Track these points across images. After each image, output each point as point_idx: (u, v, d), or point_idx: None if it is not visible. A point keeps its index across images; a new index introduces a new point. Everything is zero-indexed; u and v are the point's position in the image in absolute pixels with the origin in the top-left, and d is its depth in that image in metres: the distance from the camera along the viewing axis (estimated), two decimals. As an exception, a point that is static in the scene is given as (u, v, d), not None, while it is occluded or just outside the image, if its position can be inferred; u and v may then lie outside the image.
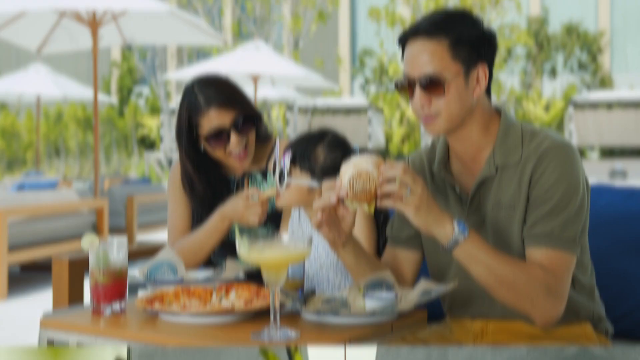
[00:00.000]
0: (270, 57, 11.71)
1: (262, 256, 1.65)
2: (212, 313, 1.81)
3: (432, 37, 1.98)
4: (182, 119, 2.56)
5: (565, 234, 1.94)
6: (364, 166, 1.84)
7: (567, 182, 1.96)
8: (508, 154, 2.04)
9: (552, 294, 1.90)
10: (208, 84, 2.52)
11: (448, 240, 1.87)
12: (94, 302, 1.95)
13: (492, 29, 2.06)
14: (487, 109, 2.09)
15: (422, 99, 1.99)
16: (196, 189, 2.62)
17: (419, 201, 1.82)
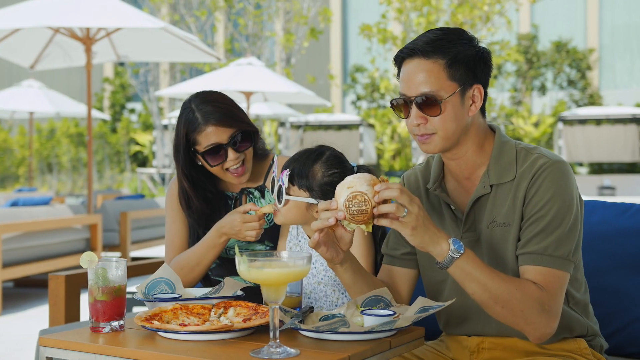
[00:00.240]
0: (263, 74, 11.74)
1: (262, 274, 1.66)
2: (211, 330, 1.82)
3: (428, 57, 2.01)
4: (179, 135, 2.57)
5: (559, 252, 1.96)
6: (358, 187, 1.84)
7: (561, 200, 1.98)
8: (502, 172, 2.07)
9: (545, 311, 1.92)
10: (206, 101, 2.53)
11: (444, 258, 1.89)
12: (92, 320, 1.96)
13: (486, 49, 2.08)
14: (482, 127, 2.11)
15: (418, 118, 2.02)
16: (193, 205, 2.63)
17: (415, 222, 1.83)
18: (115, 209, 8.51)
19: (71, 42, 8.45)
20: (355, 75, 24.61)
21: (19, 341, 5.37)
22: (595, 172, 22.41)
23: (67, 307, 3.06)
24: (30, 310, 6.56)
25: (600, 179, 19.83)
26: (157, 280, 2.24)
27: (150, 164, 24.07)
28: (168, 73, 19.79)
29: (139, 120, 25.96)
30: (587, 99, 24.41)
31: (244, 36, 17.99)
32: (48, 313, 6.23)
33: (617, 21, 28.45)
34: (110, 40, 8.67)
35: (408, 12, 16.78)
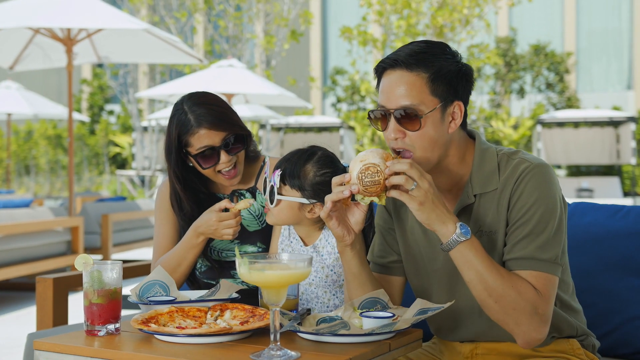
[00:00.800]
0: (244, 76, 11.71)
1: (263, 276, 1.65)
2: (209, 334, 1.80)
3: (411, 69, 1.96)
4: (171, 137, 2.55)
5: (547, 256, 1.95)
6: (371, 160, 1.87)
7: (545, 204, 1.97)
8: (485, 181, 2.05)
9: (538, 315, 1.91)
10: (199, 103, 2.52)
11: (447, 239, 1.90)
12: (88, 323, 1.94)
13: (469, 65, 2.05)
14: (462, 140, 2.08)
15: (397, 131, 1.97)
16: (184, 207, 2.62)
17: (424, 197, 1.85)
18: (96, 212, 8.44)
19: (51, 42, 8.38)
20: (336, 77, 24.62)
21: (2, 344, 5.31)
22: (573, 174, 22.62)
23: (55, 310, 3.02)
24: (11, 314, 6.48)
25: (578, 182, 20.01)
26: (150, 283, 2.22)
27: (129, 166, 23.92)
28: (148, 74, 19.68)
29: (117, 122, 25.79)
30: (565, 102, 24.61)
31: (224, 38, 17.93)
32: (33, 316, 6.18)
33: (594, 25, 28.73)
34: (91, 41, 8.60)
35: (388, 14, 16.81)
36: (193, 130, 2.49)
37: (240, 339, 1.86)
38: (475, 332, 2.14)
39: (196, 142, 2.50)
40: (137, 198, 16.59)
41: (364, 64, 18.98)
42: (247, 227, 2.63)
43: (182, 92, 11.63)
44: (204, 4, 17.60)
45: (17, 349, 5.16)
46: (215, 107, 2.52)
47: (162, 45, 8.57)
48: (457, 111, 2.01)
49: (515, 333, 1.94)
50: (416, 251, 2.17)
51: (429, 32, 16.79)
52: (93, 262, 1.96)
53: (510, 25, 27.07)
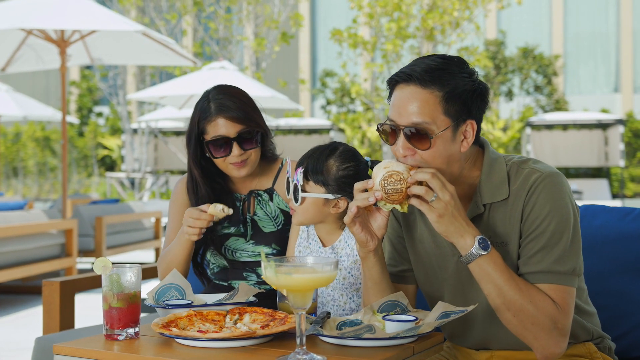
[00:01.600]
0: (236, 78, 11.68)
1: (290, 279, 1.64)
2: (233, 337, 1.79)
3: (425, 86, 1.90)
4: (192, 123, 2.58)
5: (564, 268, 1.93)
6: (395, 167, 1.87)
7: (559, 215, 1.94)
8: (495, 191, 2.01)
9: (557, 329, 1.90)
10: (223, 93, 2.54)
11: (465, 252, 1.88)
12: (107, 327, 1.92)
13: (485, 84, 2.00)
14: (473, 152, 2.05)
15: (406, 149, 1.93)
16: (200, 193, 2.61)
17: (443, 209, 1.83)
18: (90, 214, 8.39)
19: (44, 44, 8.32)
20: (325, 79, 24.63)
21: (3, 349, 5.27)
22: (561, 176, 22.66)
23: (61, 314, 3.00)
24: (6, 317, 6.43)
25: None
26: (167, 286, 2.21)
27: (118, 168, 23.83)
28: (138, 76, 19.60)
29: (106, 124, 25.68)
30: (553, 104, 24.73)
31: (214, 40, 17.89)
32: (29, 319, 6.14)
33: (581, 28, 28.89)
34: (84, 42, 8.55)
35: (379, 17, 16.83)
36: (211, 118, 2.51)
37: (262, 343, 1.85)
38: (489, 338, 2.12)
39: (212, 130, 2.52)
40: (126, 200, 16.52)
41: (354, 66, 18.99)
42: (263, 229, 2.62)
43: (173, 94, 11.60)
44: (194, 5, 17.56)
45: (15, 352, 5.12)
46: (238, 100, 2.53)
47: (155, 47, 8.53)
48: (469, 130, 1.96)
49: (534, 347, 1.93)
50: (426, 259, 2.16)
51: (419, 34, 16.83)
52: (112, 266, 1.94)
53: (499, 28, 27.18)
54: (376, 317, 1.98)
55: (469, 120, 1.95)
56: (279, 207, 2.64)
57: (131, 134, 19.42)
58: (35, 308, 6.81)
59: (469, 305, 2.04)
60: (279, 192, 2.66)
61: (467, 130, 1.95)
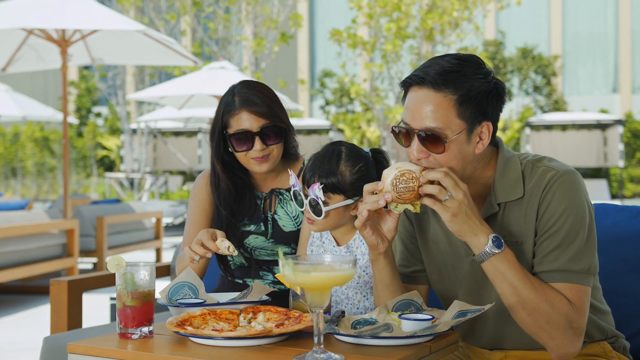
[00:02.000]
0: (236, 78, 11.67)
1: (309, 277, 1.63)
2: (249, 336, 1.78)
3: (439, 90, 1.87)
4: (217, 116, 2.58)
5: (579, 266, 1.91)
6: (406, 167, 1.85)
7: (574, 213, 1.92)
8: (509, 190, 2.00)
9: (572, 328, 1.88)
10: (248, 87, 2.55)
11: (479, 251, 1.87)
12: (121, 326, 1.90)
13: (501, 83, 1.96)
14: (487, 152, 2.03)
15: (420, 152, 1.91)
16: (221, 187, 2.61)
17: (457, 208, 1.81)
18: (91, 214, 8.37)
19: (45, 44, 8.31)
20: (324, 80, 24.62)
21: (2, 349, 5.25)
22: (560, 176, 22.66)
23: (69, 313, 2.98)
24: (8, 317, 6.41)
25: (565, 184, 20.06)
26: (179, 285, 2.19)
27: (117, 169, 23.80)
28: (137, 77, 19.58)
29: (105, 124, 25.66)
30: (552, 104, 24.74)
31: (213, 40, 17.87)
32: (31, 319, 6.13)
33: (580, 28, 28.91)
34: (84, 42, 8.53)
35: (378, 17, 16.83)
36: (235, 111, 2.51)
37: (277, 342, 1.84)
38: (503, 338, 2.11)
39: (235, 124, 2.52)
40: (126, 201, 16.50)
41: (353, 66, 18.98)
42: (283, 228, 2.62)
43: (173, 94, 11.59)
44: (193, 6, 17.55)
45: (17, 352, 5.11)
46: (262, 95, 2.53)
47: (156, 46, 8.51)
48: (485, 131, 1.93)
49: (549, 347, 1.91)
50: (439, 259, 2.14)
51: (418, 34, 16.83)
52: (126, 264, 1.92)
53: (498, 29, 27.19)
54: (391, 315, 1.97)
55: (484, 122, 1.93)
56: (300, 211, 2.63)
57: (130, 134, 19.40)
58: (36, 308, 6.79)
59: (483, 304, 2.03)
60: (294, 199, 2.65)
61: (482, 131, 1.93)
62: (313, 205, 2.21)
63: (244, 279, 2.64)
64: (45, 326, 5.84)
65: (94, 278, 3.10)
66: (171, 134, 22.37)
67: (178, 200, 15.96)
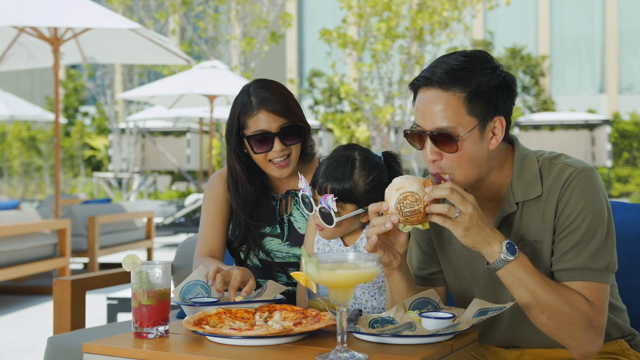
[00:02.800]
0: (227, 77, 11.63)
1: (333, 275, 1.60)
2: (269, 335, 1.75)
3: (447, 89, 1.86)
4: (232, 117, 2.51)
5: (599, 264, 1.90)
6: (408, 188, 1.80)
7: (593, 210, 1.90)
8: (527, 188, 1.98)
9: (593, 327, 1.87)
10: (264, 87, 2.48)
11: (495, 259, 1.83)
12: (136, 325, 1.87)
13: (511, 76, 1.94)
14: (501, 148, 2.00)
15: (434, 153, 1.89)
16: (242, 188, 2.55)
17: (468, 222, 1.78)
18: (82, 214, 8.31)
19: (36, 42, 8.23)
20: (313, 79, 24.60)
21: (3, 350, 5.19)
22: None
23: (73, 313, 2.94)
24: (1, 318, 6.35)
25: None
26: (192, 284, 2.17)
27: (105, 169, 23.68)
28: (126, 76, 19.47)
29: (93, 123, 25.52)
30: (540, 105, 24.84)
31: (203, 39, 17.81)
32: (24, 320, 6.06)
33: (567, 29, 29.05)
34: (76, 41, 8.46)
35: (368, 17, 16.82)
36: (252, 112, 2.44)
37: (297, 341, 1.81)
38: (518, 337, 2.09)
39: (253, 125, 2.45)
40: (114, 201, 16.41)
41: (343, 66, 18.97)
42: (299, 230, 2.57)
43: (163, 93, 11.54)
44: (183, 5, 17.47)
45: (10, 353, 5.05)
46: (279, 94, 2.47)
47: (148, 45, 8.45)
48: (498, 126, 1.91)
49: (570, 347, 1.89)
50: (455, 261, 2.13)
51: (408, 34, 16.84)
52: (141, 262, 1.89)
53: (486, 29, 27.27)
54: (408, 314, 1.95)
55: (496, 117, 1.90)
56: None
57: (119, 134, 19.29)
58: (28, 309, 6.73)
59: (499, 303, 2.01)
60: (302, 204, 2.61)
61: (495, 127, 1.91)
62: (324, 213, 2.16)
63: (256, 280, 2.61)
64: (39, 327, 5.79)
65: (97, 277, 3.07)
66: (160, 134, 22.28)
67: (167, 200, 15.89)
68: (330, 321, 1.81)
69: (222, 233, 2.61)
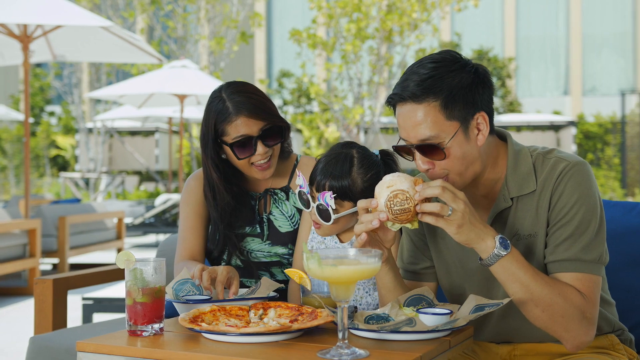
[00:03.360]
0: (198, 77, 11.56)
1: (336, 271, 1.60)
2: (268, 332, 1.73)
3: (421, 101, 1.87)
4: (208, 125, 2.47)
5: (591, 256, 1.92)
6: (398, 186, 1.79)
7: (586, 203, 1.93)
8: (522, 183, 2.00)
9: (586, 319, 1.89)
10: (238, 91, 2.45)
11: (488, 255, 1.84)
12: (130, 323, 1.85)
13: (483, 68, 1.95)
14: (493, 144, 2.02)
15: (425, 162, 1.92)
16: (219, 197, 2.53)
17: (461, 219, 1.78)
18: (53, 214, 8.19)
19: (5, 39, 8.09)
20: (282, 80, 24.56)
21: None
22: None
23: (54, 313, 2.90)
24: (-31, 320, 6.23)
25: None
26: (182, 282, 2.15)
27: (72, 169, 23.39)
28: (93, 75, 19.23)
29: (59, 123, 25.20)
30: (506, 106, 25.07)
31: (172, 39, 17.69)
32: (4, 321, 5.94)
33: (532, 32, 29.35)
34: (46, 38, 8.34)
35: (338, 17, 16.83)
36: (231, 118, 2.41)
37: (294, 338, 1.80)
38: (508, 332, 2.11)
39: (233, 131, 2.42)
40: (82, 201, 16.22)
41: (313, 66, 18.96)
42: (279, 228, 2.56)
43: (133, 92, 11.43)
44: (152, 4, 17.33)
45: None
46: (254, 96, 2.45)
47: (120, 44, 8.36)
48: (481, 122, 1.93)
49: (564, 339, 1.91)
50: (447, 255, 2.13)
51: (378, 35, 16.88)
52: (135, 260, 1.87)
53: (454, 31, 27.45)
54: (403, 310, 1.95)
55: (477, 114, 1.92)
56: (295, 206, 2.58)
57: (86, 134, 19.07)
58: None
59: (492, 297, 2.03)
60: (295, 190, 2.60)
61: (479, 123, 1.93)
62: (321, 209, 2.16)
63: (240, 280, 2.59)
64: (10, 328, 5.69)
65: (79, 276, 3.02)
66: (127, 134, 22.07)
67: (136, 200, 15.74)
68: (328, 318, 1.80)
69: (202, 236, 2.59)
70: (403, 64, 16.98)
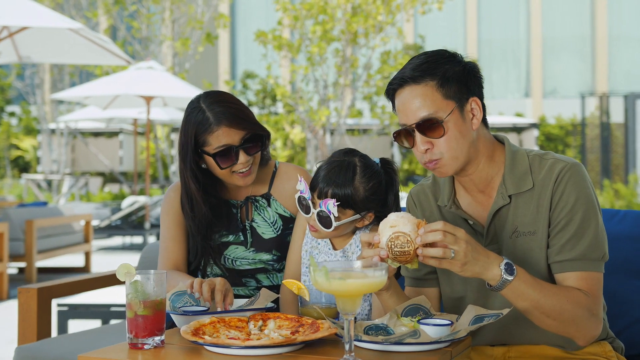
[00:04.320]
0: (164, 78, 11.47)
1: (344, 285, 1.61)
2: (274, 345, 1.74)
3: (419, 82, 2.01)
4: (187, 136, 2.45)
5: (595, 254, 2.00)
6: (401, 228, 1.82)
7: (586, 203, 2.02)
8: (519, 181, 2.08)
9: (594, 315, 1.97)
10: (217, 101, 2.44)
11: (496, 282, 1.88)
12: (131, 336, 1.84)
13: (472, 62, 2.10)
14: (488, 139, 2.12)
15: (424, 143, 2.01)
16: (197, 209, 2.52)
17: (464, 258, 1.81)
18: (19, 217, 8.07)
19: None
20: (246, 81, 24.48)
21: None
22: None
23: (39, 322, 2.86)
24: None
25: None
26: (179, 293, 2.14)
27: (34, 170, 23.05)
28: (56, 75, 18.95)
29: (20, 124, 24.80)
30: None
31: (137, 39, 17.52)
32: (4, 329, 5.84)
33: (494, 34, 29.68)
34: (12, 40, 8.21)
35: (304, 19, 16.83)
36: (212, 129, 2.40)
37: (296, 350, 1.81)
38: (507, 334, 2.15)
39: (214, 141, 2.41)
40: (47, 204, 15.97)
41: (278, 68, 18.93)
42: (262, 235, 2.56)
43: (99, 94, 11.30)
44: (115, 4, 17.15)
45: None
46: (234, 106, 2.45)
47: (87, 45, 8.25)
48: (475, 107, 2.05)
49: (576, 337, 2.00)
50: None
51: (344, 37, 16.93)
52: (136, 272, 1.86)
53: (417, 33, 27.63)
54: (401, 320, 1.97)
55: (471, 98, 2.04)
56: (276, 212, 2.59)
57: (49, 135, 18.80)
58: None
59: (489, 304, 2.06)
60: (275, 197, 2.61)
61: (473, 107, 2.05)
62: (322, 216, 2.18)
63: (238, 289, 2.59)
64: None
65: (64, 285, 2.99)
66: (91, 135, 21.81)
67: (101, 202, 15.57)
68: (332, 330, 1.81)
69: (184, 245, 2.59)
70: (368, 65, 17.06)
